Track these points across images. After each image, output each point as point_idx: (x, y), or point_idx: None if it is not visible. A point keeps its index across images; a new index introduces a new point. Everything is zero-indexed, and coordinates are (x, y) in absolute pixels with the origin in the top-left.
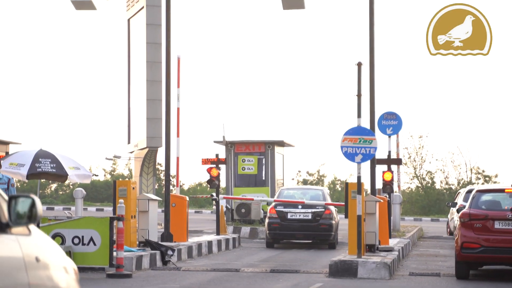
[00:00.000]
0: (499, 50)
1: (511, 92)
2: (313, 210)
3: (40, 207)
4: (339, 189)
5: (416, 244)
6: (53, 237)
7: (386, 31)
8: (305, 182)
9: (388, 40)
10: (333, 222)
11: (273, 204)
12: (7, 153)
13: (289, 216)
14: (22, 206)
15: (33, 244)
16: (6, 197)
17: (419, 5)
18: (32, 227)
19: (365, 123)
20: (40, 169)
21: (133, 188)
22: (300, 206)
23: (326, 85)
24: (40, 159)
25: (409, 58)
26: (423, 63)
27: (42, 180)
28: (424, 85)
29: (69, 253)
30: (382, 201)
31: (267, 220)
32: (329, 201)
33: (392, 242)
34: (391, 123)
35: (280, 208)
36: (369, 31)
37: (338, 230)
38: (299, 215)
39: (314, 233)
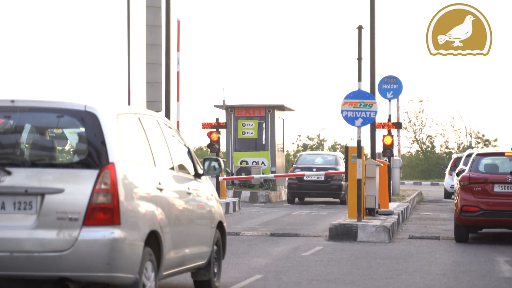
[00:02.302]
0: (499, 50)
1: (511, 57)
2: (326, 172)
3: (222, 164)
4: None
5: (416, 208)
6: None
7: None
8: (305, 146)
9: (389, 4)
10: (343, 182)
11: (292, 167)
12: None
13: (305, 177)
14: (207, 164)
15: (208, 186)
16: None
17: (419, 5)
18: (207, 177)
19: (366, 87)
20: None
21: None
22: (315, 169)
23: (326, 49)
24: None
25: (409, 21)
26: (423, 27)
27: None
28: (424, 49)
29: None
30: (382, 165)
31: (287, 180)
32: (341, 164)
33: (392, 205)
34: (392, 87)
35: (298, 171)
36: None
37: None
38: (314, 177)
39: (326, 191)
